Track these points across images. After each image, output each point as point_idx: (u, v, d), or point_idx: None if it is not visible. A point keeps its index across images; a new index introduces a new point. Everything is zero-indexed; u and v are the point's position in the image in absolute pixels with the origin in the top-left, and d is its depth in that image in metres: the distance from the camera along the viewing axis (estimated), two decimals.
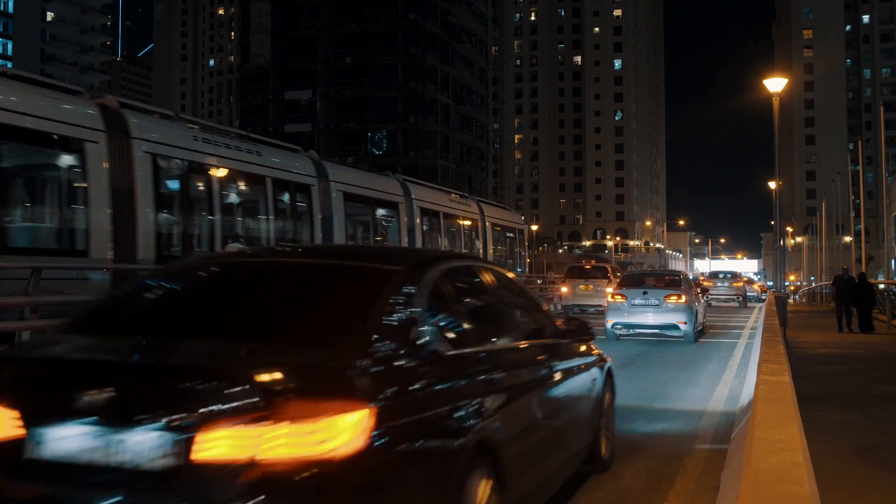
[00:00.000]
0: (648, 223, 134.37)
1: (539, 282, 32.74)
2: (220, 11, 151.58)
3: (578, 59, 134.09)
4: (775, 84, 20.86)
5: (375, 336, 3.06)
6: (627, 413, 7.22)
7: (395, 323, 3.24)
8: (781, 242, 23.59)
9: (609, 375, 5.72)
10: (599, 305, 23.35)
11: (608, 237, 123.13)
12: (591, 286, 26.15)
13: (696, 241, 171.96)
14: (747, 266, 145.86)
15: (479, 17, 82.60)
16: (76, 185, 11.86)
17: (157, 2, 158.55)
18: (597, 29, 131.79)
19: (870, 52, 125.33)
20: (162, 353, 3.05)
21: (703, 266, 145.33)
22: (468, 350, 3.65)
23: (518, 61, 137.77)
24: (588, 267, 29.52)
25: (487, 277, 4.52)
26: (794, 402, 4.14)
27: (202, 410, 2.58)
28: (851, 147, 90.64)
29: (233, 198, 15.28)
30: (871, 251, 74.71)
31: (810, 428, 4.65)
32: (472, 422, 3.26)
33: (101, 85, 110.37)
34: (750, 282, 46.45)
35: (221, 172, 14.23)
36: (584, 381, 5.11)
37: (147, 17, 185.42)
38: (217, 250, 13.75)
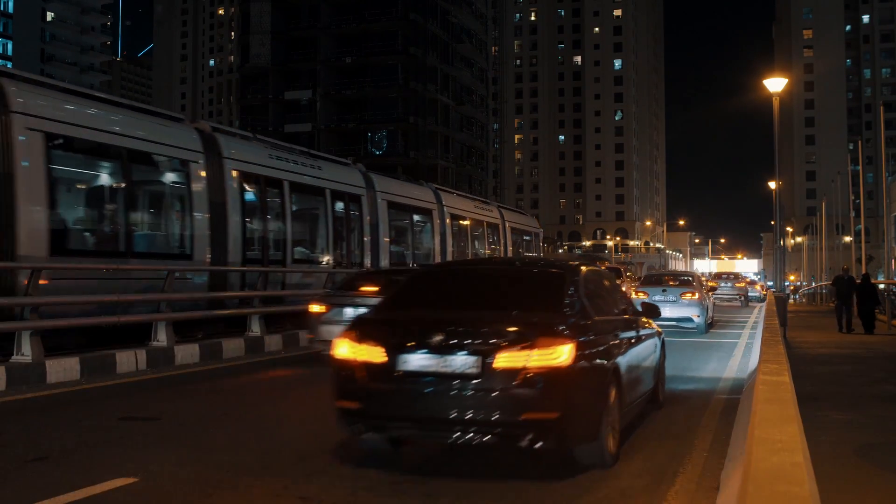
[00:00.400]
0: (648, 223, 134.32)
1: None
2: (220, 11, 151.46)
3: (578, 59, 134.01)
4: (775, 84, 20.83)
5: (567, 309, 5.65)
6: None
7: (572, 301, 5.80)
8: (781, 242, 23.58)
9: (663, 344, 8.33)
10: None
11: (608, 237, 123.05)
12: None
13: (696, 241, 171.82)
14: (747, 266, 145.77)
15: (479, 17, 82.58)
16: (183, 198, 13.94)
17: (157, 2, 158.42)
18: (597, 29, 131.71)
19: (870, 52, 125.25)
20: (459, 315, 5.51)
21: (703, 266, 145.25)
22: (603, 318, 6.18)
23: (518, 61, 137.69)
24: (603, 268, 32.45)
25: (604, 277, 7.19)
26: (794, 402, 4.14)
27: (492, 342, 5.07)
28: (851, 147, 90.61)
29: (299, 207, 17.51)
30: (871, 251, 74.70)
31: (810, 428, 4.66)
32: (611, 355, 5.84)
33: (101, 85, 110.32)
34: (752, 283, 48.90)
35: (290, 185, 16.43)
36: (652, 345, 7.61)
37: (147, 17, 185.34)
38: (288, 252, 16.37)
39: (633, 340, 6.68)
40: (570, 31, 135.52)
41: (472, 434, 5.00)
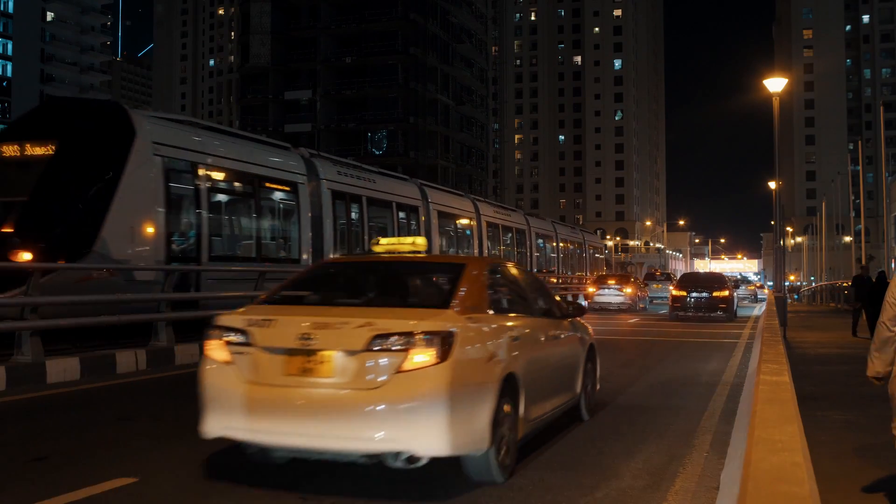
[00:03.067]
0: (648, 223, 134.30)
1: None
2: (220, 11, 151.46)
3: (578, 59, 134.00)
4: (775, 84, 20.83)
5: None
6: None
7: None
8: (781, 242, 23.57)
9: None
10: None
11: (608, 237, 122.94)
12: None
13: (696, 241, 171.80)
14: (747, 266, 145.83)
15: (479, 17, 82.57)
16: (293, 213, 17.35)
17: (157, 2, 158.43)
18: (597, 29, 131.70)
19: (870, 52, 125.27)
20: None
21: (703, 266, 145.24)
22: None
23: (518, 61, 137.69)
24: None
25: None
26: (794, 402, 4.14)
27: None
28: (851, 147, 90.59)
29: (373, 217, 20.90)
30: (871, 251, 74.69)
31: (810, 428, 4.66)
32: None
33: (101, 85, 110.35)
34: (761, 286, 59.41)
35: (367, 199, 20.16)
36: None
37: (147, 17, 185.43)
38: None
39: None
40: (570, 31, 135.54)
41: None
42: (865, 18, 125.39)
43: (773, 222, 36.61)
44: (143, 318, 11.45)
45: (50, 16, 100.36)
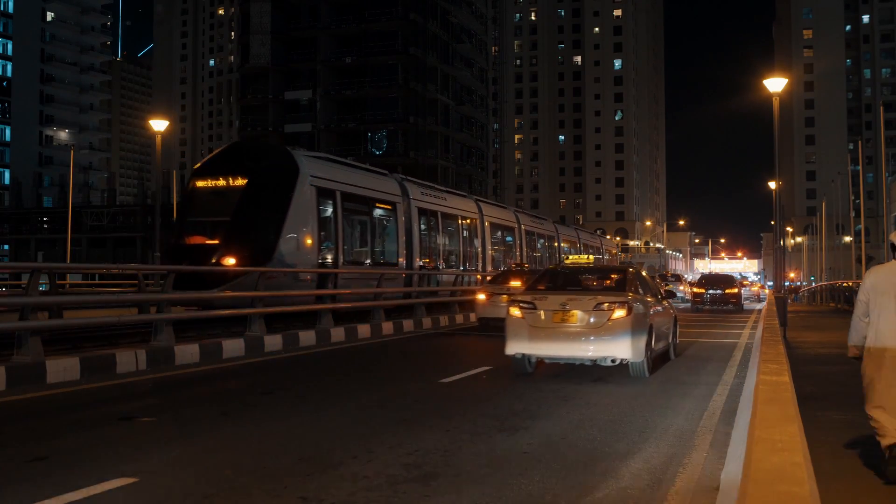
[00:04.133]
0: (648, 223, 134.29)
1: None
2: (220, 11, 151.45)
3: (578, 59, 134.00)
4: (775, 84, 20.82)
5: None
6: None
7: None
8: (781, 242, 23.57)
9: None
10: None
11: (608, 237, 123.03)
12: None
13: (696, 241, 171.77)
14: (747, 266, 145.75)
15: (479, 17, 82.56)
16: (392, 226, 21.92)
17: (157, 2, 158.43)
18: (597, 29, 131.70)
19: (870, 52, 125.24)
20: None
21: (703, 266, 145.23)
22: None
23: (518, 61, 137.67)
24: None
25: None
26: (794, 402, 4.14)
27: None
28: (851, 147, 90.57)
29: (445, 229, 25.50)
30: (871, 251, 74.70)
31: (810, 428, 4.66)
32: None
33: (101, 85, 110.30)
34: (763, 287, 63.12)
35: (441, 215, 24.90)
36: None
37: (147, 17, 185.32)
38: (440, 262, 24.75)
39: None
40: (570, 31, 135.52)
41: None
42: (865, 18, 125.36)
43: (773, 222, 36.68)
44: (143, 318, 11.56)
45: (50, 16, 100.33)
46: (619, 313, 9.78)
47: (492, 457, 5.89)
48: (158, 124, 29.87)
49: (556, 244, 37.99)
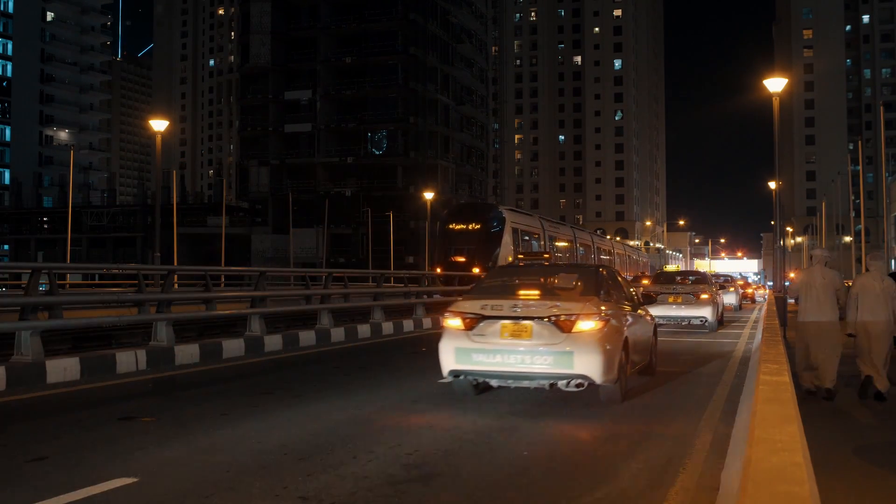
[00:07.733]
0: (648, 223, 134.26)
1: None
2: (220, 11, 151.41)
3: (578, 59, 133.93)
4: (775, 84, 20.82)
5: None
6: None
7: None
8: (781, 242, 23.57)
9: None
10: None
11: (608, 237, 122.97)
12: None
13: (696, 241, 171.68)
14: (747, 266, 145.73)
15: (479, 17, 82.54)
16: (497, 245, 32.50)
17: (157, 2, 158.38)
18: (597, 29, 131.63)
19: (870, 52, 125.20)
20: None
21: (704, 266, 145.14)
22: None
23: (518, 61, 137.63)
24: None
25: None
26: (794, 402, 4.14)
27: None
28: (851, 147, 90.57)
29: (537, 249, 35.10)
30: (871, 251, 74.34)
31: (810, 428, 4.66)
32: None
33: (101, 85, 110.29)
34: (759, 286, 64.88)
35: (543, 236, 37.38)
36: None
37: (147, 17, 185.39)
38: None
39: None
40: (570, 31, 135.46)
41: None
42: (865, 18, 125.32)
43: (773, 222, 36.76)
44: (144, 318, 11.55)
45: (50, 16, 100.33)
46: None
47: (493, 457, 5.89)
48: (158, 124, 29.88)
49: (592, 252, 45.58)
